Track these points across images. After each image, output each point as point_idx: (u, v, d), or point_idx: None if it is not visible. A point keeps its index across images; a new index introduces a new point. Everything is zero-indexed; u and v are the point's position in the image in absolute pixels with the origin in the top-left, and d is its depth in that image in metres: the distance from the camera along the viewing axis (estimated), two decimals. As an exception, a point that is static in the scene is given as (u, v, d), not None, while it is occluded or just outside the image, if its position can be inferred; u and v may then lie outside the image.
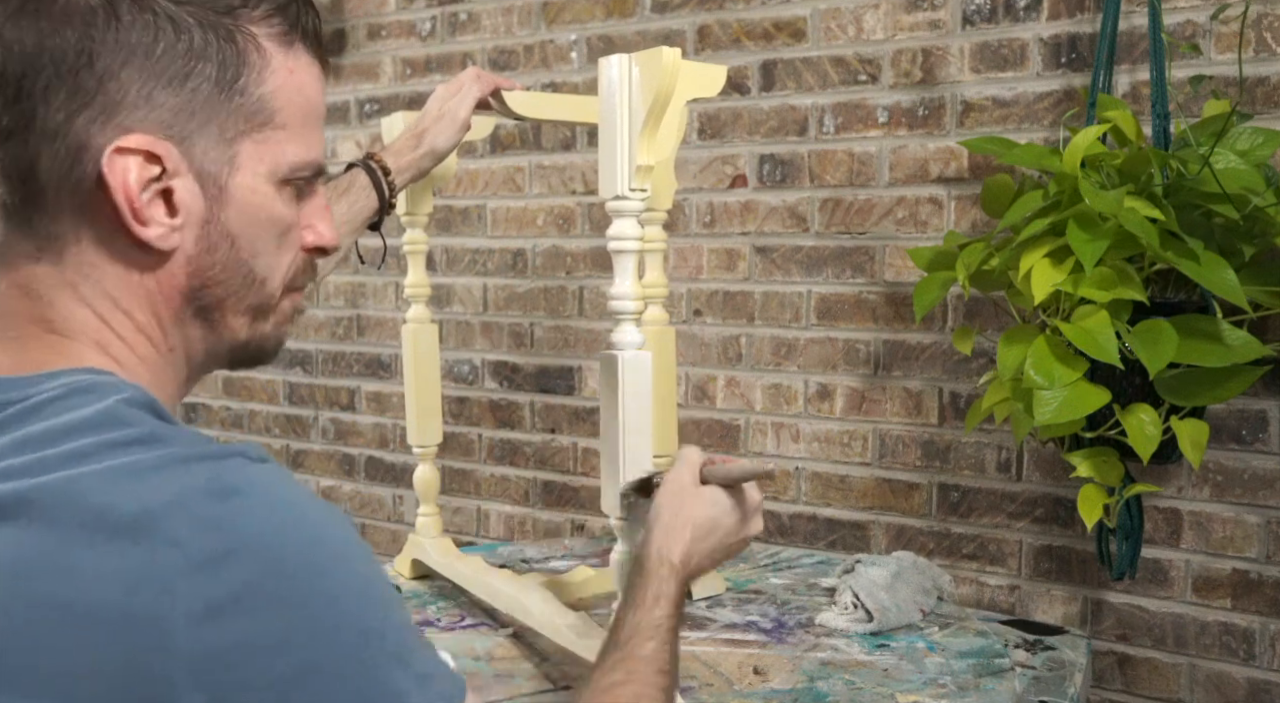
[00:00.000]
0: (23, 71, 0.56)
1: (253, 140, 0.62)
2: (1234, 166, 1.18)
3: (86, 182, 0.58)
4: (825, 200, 1.66)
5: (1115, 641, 1.50)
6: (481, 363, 2.03)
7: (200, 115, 0.59)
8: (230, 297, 0.64)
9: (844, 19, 1.63)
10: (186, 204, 0.60)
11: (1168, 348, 1.13)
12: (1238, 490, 1.41)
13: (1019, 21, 1.51)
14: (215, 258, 0.62)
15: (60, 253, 0.59)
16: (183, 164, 0.59)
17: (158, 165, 0.58)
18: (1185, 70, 1.38)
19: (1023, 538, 1.55)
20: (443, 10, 2.02)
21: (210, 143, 0.60)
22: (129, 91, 0.57)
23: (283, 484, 0.55)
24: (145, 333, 0.62)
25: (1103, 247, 1.14)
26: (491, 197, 2.00)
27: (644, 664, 0.81)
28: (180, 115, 0.59)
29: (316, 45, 0.66)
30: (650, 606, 0.84)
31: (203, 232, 0.61)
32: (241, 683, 0.50)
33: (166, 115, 0.58)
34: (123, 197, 0.58)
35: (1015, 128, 1.51)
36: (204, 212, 0.61)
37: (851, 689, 1.16)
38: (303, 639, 0.52)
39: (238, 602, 0.50)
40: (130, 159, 0.57)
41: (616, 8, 1.83)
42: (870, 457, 1.66)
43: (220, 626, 0.50)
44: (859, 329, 1.65)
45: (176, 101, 0.58)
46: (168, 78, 0.58)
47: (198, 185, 0.60)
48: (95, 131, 0.57)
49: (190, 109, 0.59)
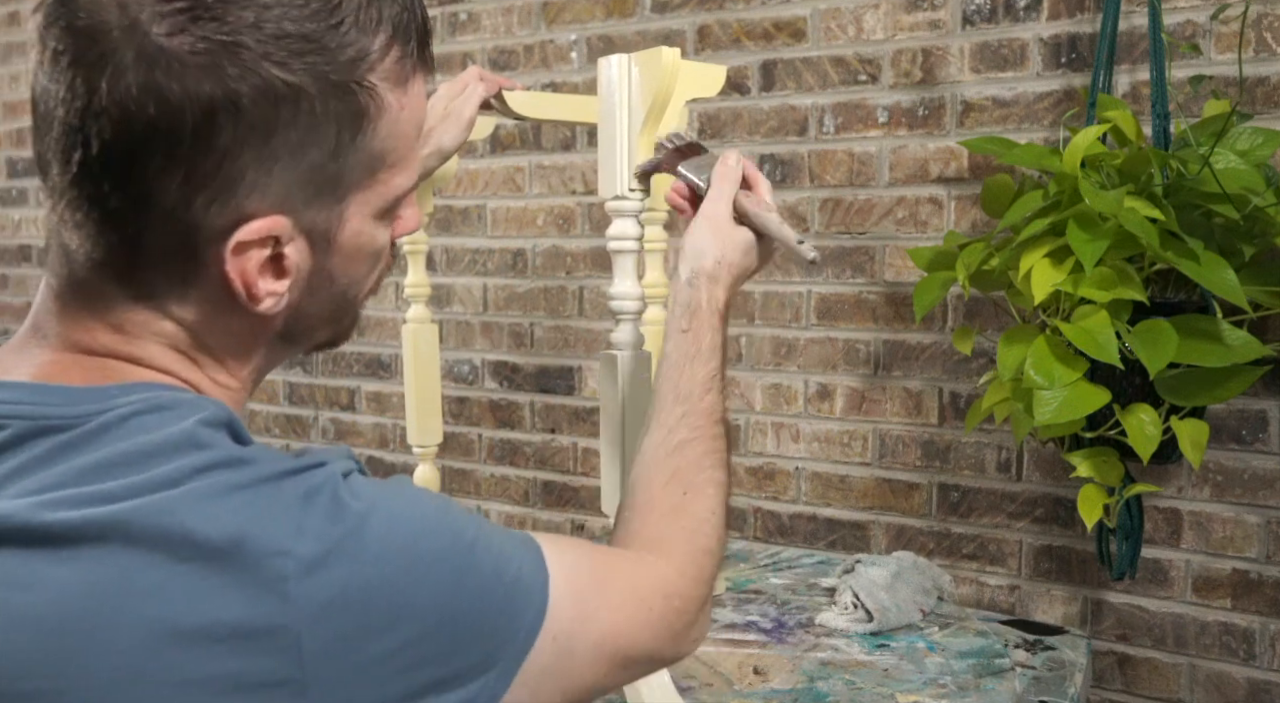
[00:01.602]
0: (134, 149, 0.53)
1: (363, 188, 0.60)
2: (1234, 166, 1.18)
3: (202, 266, 0.56)
4: (825, 200, 1.66)
5: (1115, 641, 1.50)
6: (481, 363, 2.03)
7: (315, 183, 0.57)
8: (321, 324, 0.65)
9: (844, 19, 1.63)
10: (296, 265, 0.59)
11: (1168, 348, 1.13)
12: (1238, 490, 1.41)
13: (1019, 21, 1.51)
14: (315, 299, 0.62)
15: (161, 304, 0.58)
16: (296, 231, 0.58)
17: (274, 241, 0.57)
18: (1185, 70, 1.38)
19: (1023, 538, 1.55)
20: (443, 10, 2.02)
21: (323, 204, 0.58)
22: (246, 173, 0.55)
23: (373, 483, 0.58)
24: (228, 367, 0.62)
25: (1103, 247, 1.14)
26: (491, 197, 2.00)
27: (706, 419, 0.80)
28: (296, 187, 0.57)
29: (429, 55, 0.62)
30: (708, 357, 0.82)
31: (308, 284, 0.60)
32: (360, 629, 0.53)
33: (283, 190, 0.56)
34: (240, 284, 0.57)
35: (1015, 128, 1.51)
36: (311, 266, 0.60)
37: (852, 689, 1.16)
38: (407, 590, 0.54)
39: (346, 594, 0.52)
40: (254, 248, 0.56)
41: (616, 8, 1.83)
42: (870, 457, 1.66)
43: (333, 619, 0.52)
44: (859, 329, 1.65)
45: (293, 176, 0.56)
46: (286, 152, 0.55)
47: (307, 245, 0.59)
48: (213, 213, 0.55)
49: (306, 180, 0.57)
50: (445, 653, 0.56)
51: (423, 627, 0.55)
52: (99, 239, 0.56)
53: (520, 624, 0.60)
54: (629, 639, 0.66)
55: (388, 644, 0.54)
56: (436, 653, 0.56)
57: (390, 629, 0.54)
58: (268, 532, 0.52)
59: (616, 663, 0.66)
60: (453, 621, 0.56)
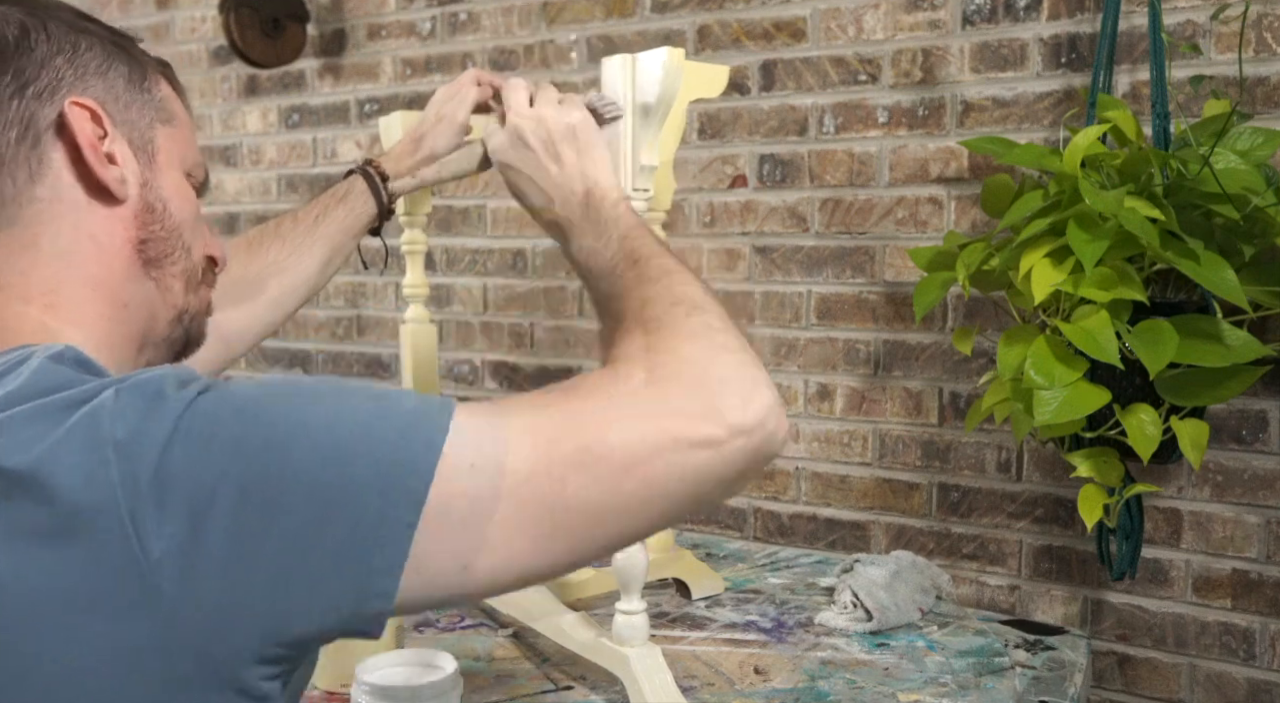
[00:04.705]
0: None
1: (163, 131, 0.72)
2: (1234, 166, 1.18)
3: (42, 138, 0.65)
4: (825, 200, 1.66)
5: (1115, 641, 1.50)
6: (481, 363, 2.03)
7: (123, 99, 0.69)
8: (168, 256, 0.71)
9: (844, 19, 1.63)
10: (128, 162, 0.68)
11: (1168, 348, 1.13)
12: (1238, 490, 1.41)
13: (1019, 21, 1.51)
14: (155, 216, 0.70)
15: (14, 217, 0.64)
16: (118, 133, 0.68)
17: (101, 127, 0.66)
18: (1185, 70, 1.39)
19: (1023, 538, 1.56)
20: (443, 10, 2.02)
21: (134, 122, 0.70)
22: (65, 75, 0.66)
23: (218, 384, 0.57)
24: (98, 288, 0.66)
25: (1103, 247, 1.14)
26: (491, 197, 2.00)
27: (680, 270, 0.78)
28: (108, 95, 0.68)
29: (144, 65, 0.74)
30: (648, 234, 0.84)
31: (143, 191, 0.69)
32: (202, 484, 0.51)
33: (99, 93, 0.68)
34: (85, 140, 0.65)
35: (1015, 128, 1.52)
36: (140, 174, 0.69)
37: (852, 688, 1.16)
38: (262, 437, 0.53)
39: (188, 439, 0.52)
40: (83, 113, 0.65)
41: (616, 8, 1.83)
42: (870, 457, 1.66)
43: (173, 459, 0.51)
44: (859, 329, 1.65)
45: (103, 85, 0.68)
46: (93, 69, 0.68)
47: (131, 152, 0.69)
48: (43, 103, 0.65)
49: (114, 93, 0.69)
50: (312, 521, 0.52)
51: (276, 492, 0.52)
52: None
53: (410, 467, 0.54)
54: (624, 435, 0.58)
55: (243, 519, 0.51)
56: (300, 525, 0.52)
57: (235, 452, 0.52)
58: (94, 414, 0.52)
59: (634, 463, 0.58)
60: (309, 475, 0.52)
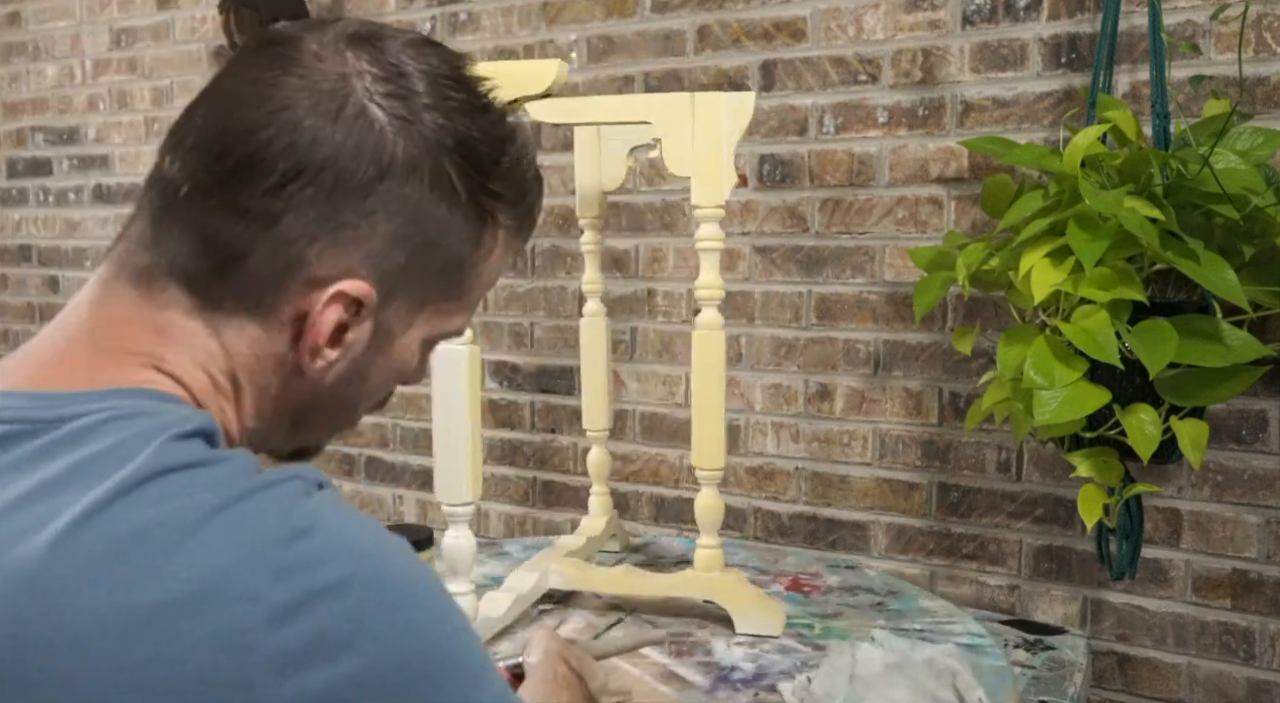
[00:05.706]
0: (298, 169, 0.54)
1: (436, 309, 0.61)
2: (1234, 166, 1.18)
3: (283, 302, 0.56)
4: (825, 200, 1.66)
5: (1115, 641, 1.50)
6: (481, 363, 2.03)
7: (416, 280, 0.59)
8: (328, 421, 0.65)
9: (844, 19, 1.63)
10: (352, 346, 0.59)
11: (1168, 348, 1.13)
12: (1238, 490, 1.41)
13: (1019, 21, 1.51)
14: (343, 390, 0.62)
15: (219, 327, 0.57)
16: (373, 313, 0.58)
17: (356, 311, 0.57)
18: (1185, 70, 1.38)
19: (1022, 538, 1.55)
20: (443, 10, 2.02)
21: (405, 303, 0.60)
22: (375, 240, 0.56)
23: (346, 516, 0.53)
24: (241, 409, 0.60)
25: (1103, 247, 1.14)
26: (491, 196, 1.99)
27: None
28: (401, 276, 0.58)
29: (524, 239, 0.65)
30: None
31: (348, 370, 0.60)
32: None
33: (391, 270, 0.57)
34: (313, 334, 0.57)
35: (1015, 128, 1.51)
36: (360, 355, 0.60)
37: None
38: (386, 674, 0.50)
39: (320, 645, 0.48)
40: (342, 304, 0.56)
41: (616, 8, 1.83)
42: (870, 457, 1.66)
43: (303, 674, 0.48)
44: (859, 329, 1.65)
45: (406, 263, 0.58)
46: (416, 240, 0.57)
47: (371, 335, 0.59)
48: (322, 257, 0.56)
49: (413, 273, 0.58)
50: None
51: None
52: (209, 241, 0.55)
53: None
54: None
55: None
56: None
57: (362, 688, 0.49)
58: (240, 571, 0.48)
59: None
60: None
